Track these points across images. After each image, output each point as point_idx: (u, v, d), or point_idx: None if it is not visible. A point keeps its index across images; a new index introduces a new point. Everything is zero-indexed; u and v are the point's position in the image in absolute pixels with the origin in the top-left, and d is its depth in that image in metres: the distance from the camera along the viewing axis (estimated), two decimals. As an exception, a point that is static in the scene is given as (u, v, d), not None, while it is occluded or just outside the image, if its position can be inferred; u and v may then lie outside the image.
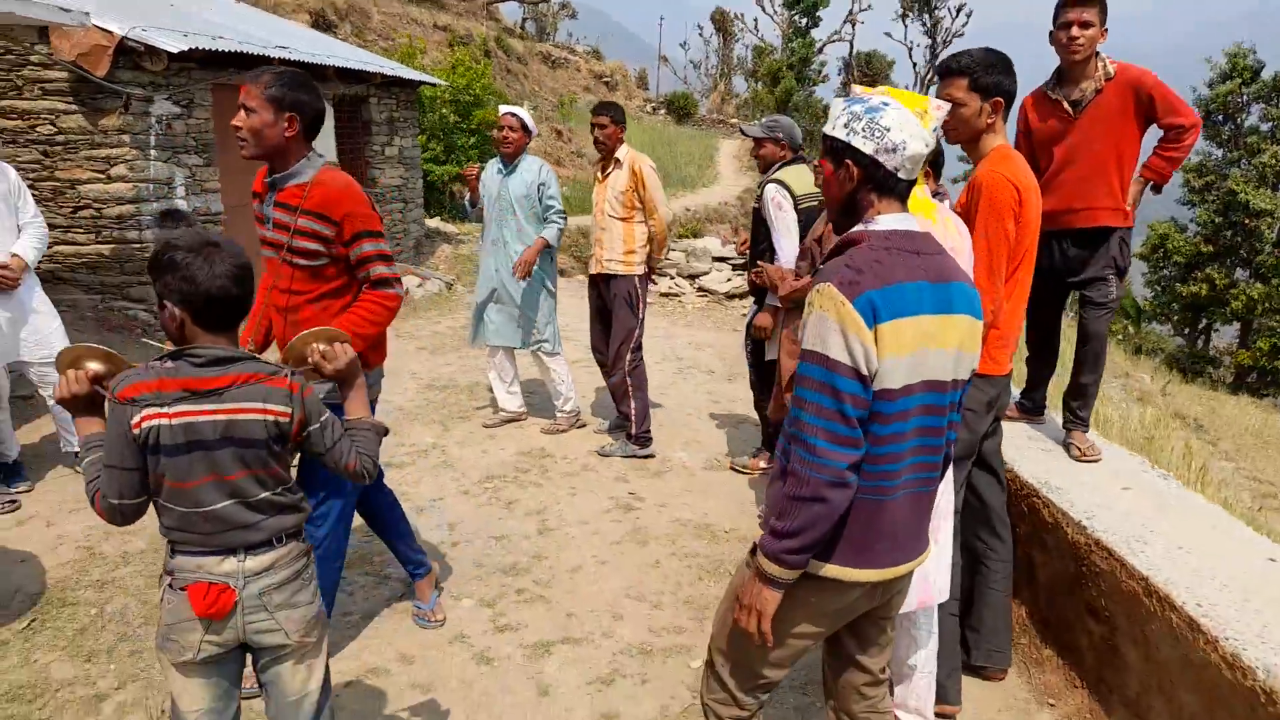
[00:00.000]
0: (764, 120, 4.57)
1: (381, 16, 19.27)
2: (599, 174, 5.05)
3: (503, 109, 5.07)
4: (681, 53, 46.82)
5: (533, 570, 3.70)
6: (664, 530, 4.08)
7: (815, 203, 4.24)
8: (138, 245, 6.74)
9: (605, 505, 4.36)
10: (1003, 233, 2.53)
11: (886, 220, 1.74)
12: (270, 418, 1.82)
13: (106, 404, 1.80)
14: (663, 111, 31.93)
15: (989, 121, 2.60)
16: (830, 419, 1.64)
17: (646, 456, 4.97)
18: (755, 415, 5.21)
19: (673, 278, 10.35)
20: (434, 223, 12.67)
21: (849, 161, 1.72)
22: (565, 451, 5.05)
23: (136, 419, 1.74)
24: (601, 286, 5.07)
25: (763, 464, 4.83)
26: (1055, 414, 3.83)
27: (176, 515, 1.82)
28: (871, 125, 1.69)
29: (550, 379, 5.35)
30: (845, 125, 1.71)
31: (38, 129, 6.57)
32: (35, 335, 4.29)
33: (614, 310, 4.99)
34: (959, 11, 32.32)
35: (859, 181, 1.73)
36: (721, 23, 42.72)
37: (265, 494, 1.86)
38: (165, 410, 1.75)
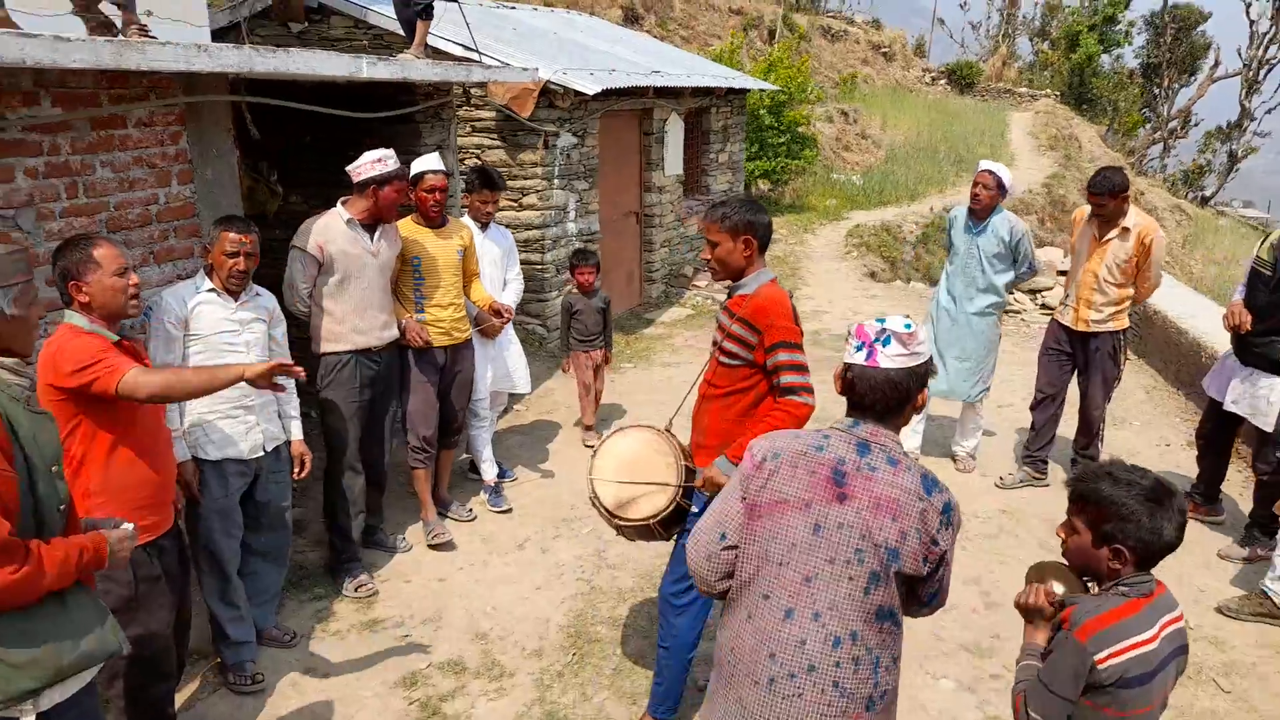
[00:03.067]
0: None
1: (683, 5, 19.71)
2: (1095, 233, 4.98)
3: (982, 165, 5.23)
4: (960, 14, 44.12)
5: (997, 652, 3.80)
6: (1119, 621, 4.02)
7: None
8: (539, 266, 7.49)
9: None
10: None
11: None
12: None
13: (1062, 634, 1.89)
14: (943, 82, 30.34)
15: None
16: None
17: None
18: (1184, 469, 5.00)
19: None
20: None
21: None
22: (974, 508, 5.08)
23: (1102, 655, 1.79)
24: (1076, 337, 5.13)
25: (1259, 551, 4.50)
26: None
27: None
28: None
29: (974, 423, 5.57)
30: None
31: (465, 162, 7.42)
32: (504, 369, 5.12)
33: (1095, 362, 5.10)
34: (1313, -40, 27.83)
35: None
36: (1008, -22, 39.65)
37: None
38: (1144, 636, 1.80)
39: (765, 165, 13.74)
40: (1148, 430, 6.43)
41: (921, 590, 2.02)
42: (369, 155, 3.96)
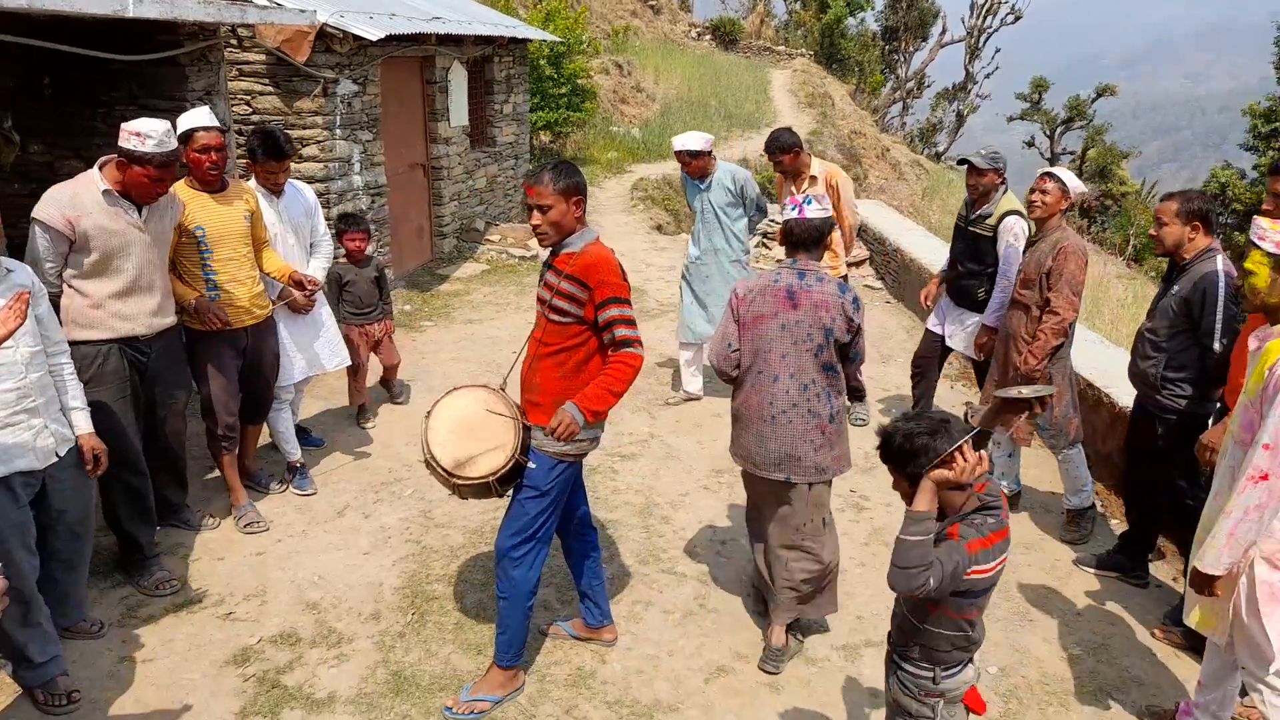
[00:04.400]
0: (986, 152, 4.90)
1: (452, -54, 18.95)
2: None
3: (676, 145, 5.58)
4: (720, -30, 45.55)
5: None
6: (901, 531, 4.57)
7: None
8: (326, 221, 7.08)
9: (835, 504, 4.79)
10: None
11: None
12: None
13: (952, 541, 2.15)
14: (708, 38, 31.42)
15: None
16: None
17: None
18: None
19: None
20: (533, 173, 12.91)
21: None
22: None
23: (971, 569, 2.12)
24: None
25: None
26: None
27: (959, 638, 2.25)
28: None
29: None
30: None
31: (234, 109, 6.85)
32: (328, 347, 4.74)
33: None
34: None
35: None
36: (763, -61, 41.46)
37: None
38: (997, 561, 2.18)
39: (547, 116, 13.70)
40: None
41: (850, 351, 3.36)
42: (132, 124, 3.35)
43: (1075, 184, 4.32)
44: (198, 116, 3.87)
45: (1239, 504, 2.59)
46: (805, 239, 3.32)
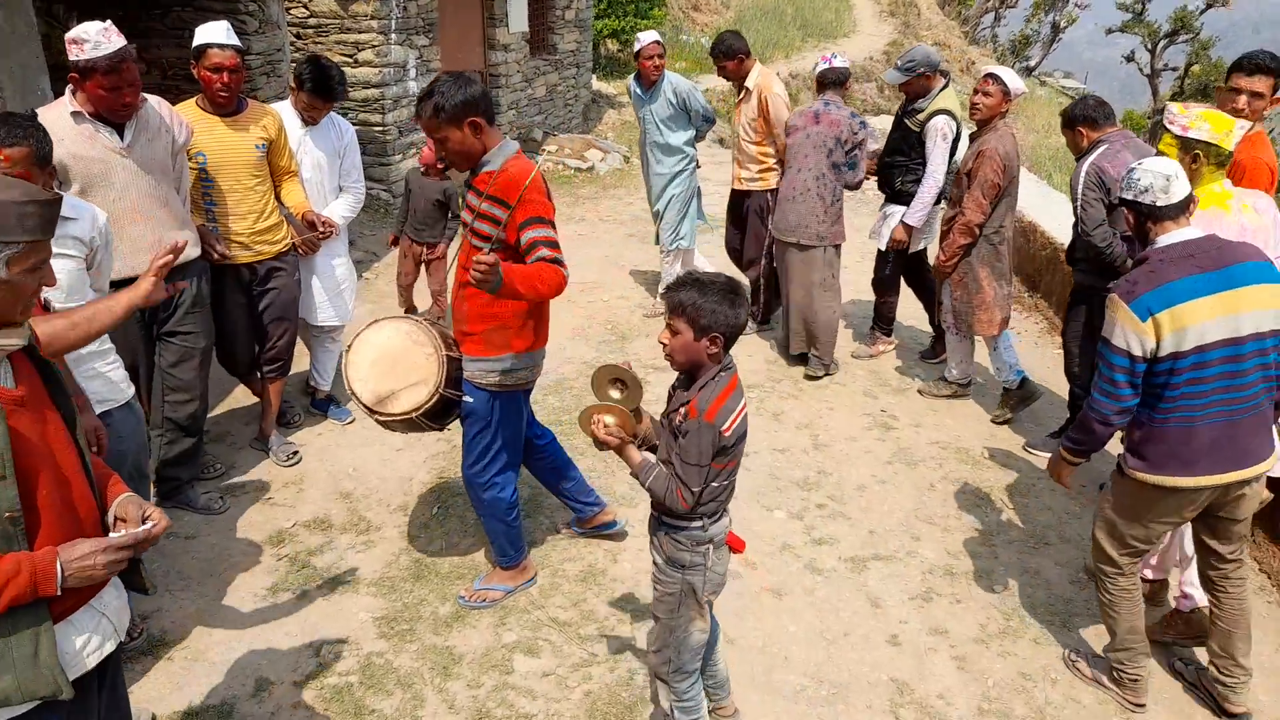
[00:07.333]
0: (900, 64, 4.89)
1: None
2: (737, 99, 5.46)
3: (644, 38, 5.46)
4: None
5: (823, 485, 4.26)
6: (927, 453, 4.56)
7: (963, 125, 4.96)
8: (379, 128, 7.19)
9: (864, 423, 4.85)
10: None
11: (1164, 239, 2.62)
12: None
13: (693, 421, 2.26)
14: (791, -60, 29.96)
15: None
16: (1103, 379, 2.66)
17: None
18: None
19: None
20: (595, 84, 12.72)
21: (1125, 210, 2.70)
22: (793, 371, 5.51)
23: (726, 426, 2.26)
24: (737, 197, 5.63)
25: (881, 348, 5.66)
26: None
27: (726, 487, 2.40)
28: (1129, 180, 2.64)
29: (669, 273, 5.90)
30: (1122, 188, 2.69)
31: (292, 11, 6.92)
32: (323, 299, 4.30)
33: (749, 221, 5.58)
34: None
35: (1136, 220, 2.67)
36: None
37: None
38: (743, 403, 2.33)
39: (614, 24, 13.45)
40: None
41: (850, 159, 4.92)
42: (70, 33, 2.97)
43: (1017, 84, 4.42)
44: (213, 32, 3.57)
45: None
46: (832, 80, 4.94)
